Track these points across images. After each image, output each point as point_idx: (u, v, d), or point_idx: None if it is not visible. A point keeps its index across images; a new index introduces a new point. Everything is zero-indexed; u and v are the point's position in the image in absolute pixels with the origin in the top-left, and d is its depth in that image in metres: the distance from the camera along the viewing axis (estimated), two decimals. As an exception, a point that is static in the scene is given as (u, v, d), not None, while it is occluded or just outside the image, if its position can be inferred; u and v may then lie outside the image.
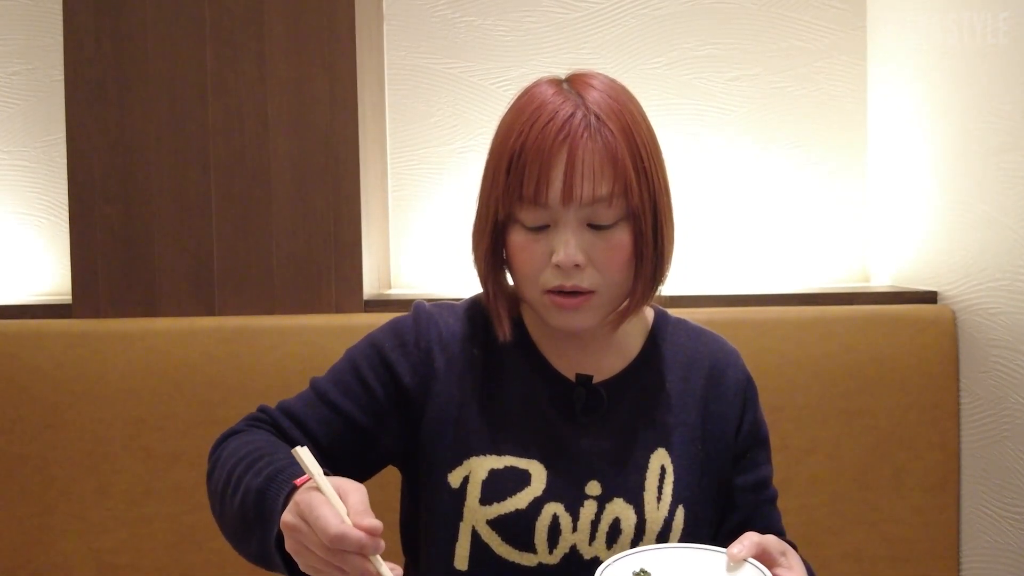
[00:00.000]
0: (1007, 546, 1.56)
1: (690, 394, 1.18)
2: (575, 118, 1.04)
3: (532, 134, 1.04)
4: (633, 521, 1.11)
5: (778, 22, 1.95)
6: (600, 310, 1.09)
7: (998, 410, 1.57)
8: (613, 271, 1.07)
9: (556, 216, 1.05)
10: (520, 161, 1.04)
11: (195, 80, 1.70)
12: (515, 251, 1.09)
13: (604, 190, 1.03)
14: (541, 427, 1.13)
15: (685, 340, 1.22)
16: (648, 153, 1.08)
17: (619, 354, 1.18)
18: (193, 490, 1.66)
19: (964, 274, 1.65)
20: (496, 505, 1.10)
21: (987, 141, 1.56)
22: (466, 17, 1.97)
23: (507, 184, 1.06)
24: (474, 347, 1.16)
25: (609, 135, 1.04)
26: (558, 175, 1.03)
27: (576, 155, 1.02)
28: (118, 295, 1.72)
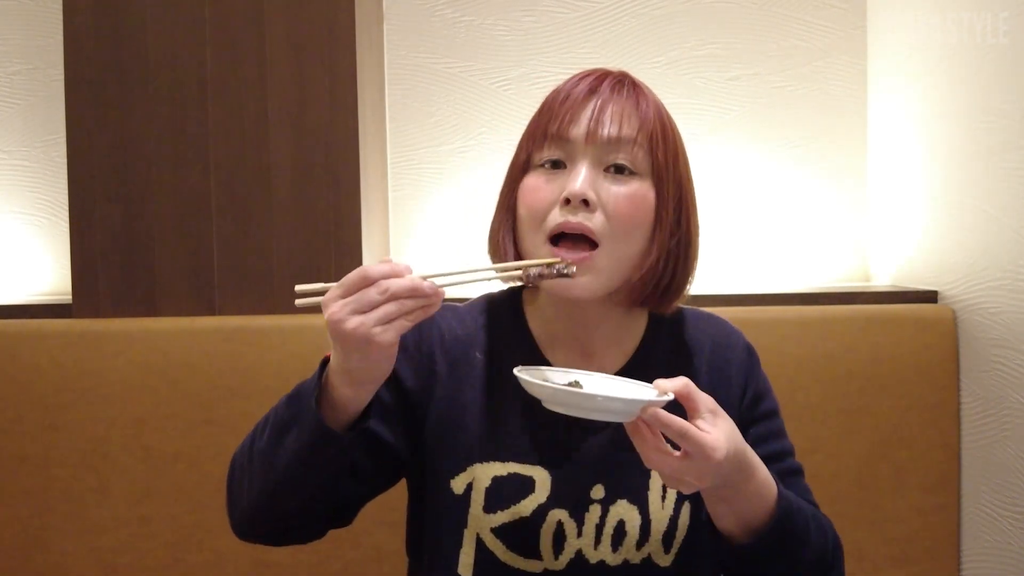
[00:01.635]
0: (1007, 545, 1.56)
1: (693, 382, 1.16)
2: (608, 79, 1.10)
3: (567, 86, 1.10)
4: (638, 522, 1.10)
5: (778, 21, 1.95)
6: (602, 267, 1.05)
7: (999, 409, 1.57)
8: (623, 220, 1.05)
9: (575, 153, 1.06)
10: (551, 106, 1.09)
11: (195, 80, 1.70)
12: (527, 192, 1.08)
13: (628, 132, 1.06)
14: (544, 431, 1.12)
15: (684, 328, 1.20)
16: (679, 145, 1.11)
17: (619, 349, 1.16)
18: (193, 490, 1.66)
19: (965, 273, 1.65)
20: (500, 513, 1.10)
21: (987, 140, 1.56)
22: (466, 17, 1.97)
23: (535, 127, 1.09)
24: (476, 350, 1.15)
25: (640, 97, 1.09)
26: (584, 116, 1.06)
27: (606, 102, 1.07)
28: (118, 295, 1.72)
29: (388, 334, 0.92)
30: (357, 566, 1.64)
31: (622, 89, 1.09)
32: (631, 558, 1.11)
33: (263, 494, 1.05)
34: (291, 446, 1.00)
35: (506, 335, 1.17)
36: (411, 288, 0.92)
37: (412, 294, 0.92)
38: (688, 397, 0.97)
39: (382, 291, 0.91)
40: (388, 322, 0.92)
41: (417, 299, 0.92)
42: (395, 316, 0.92)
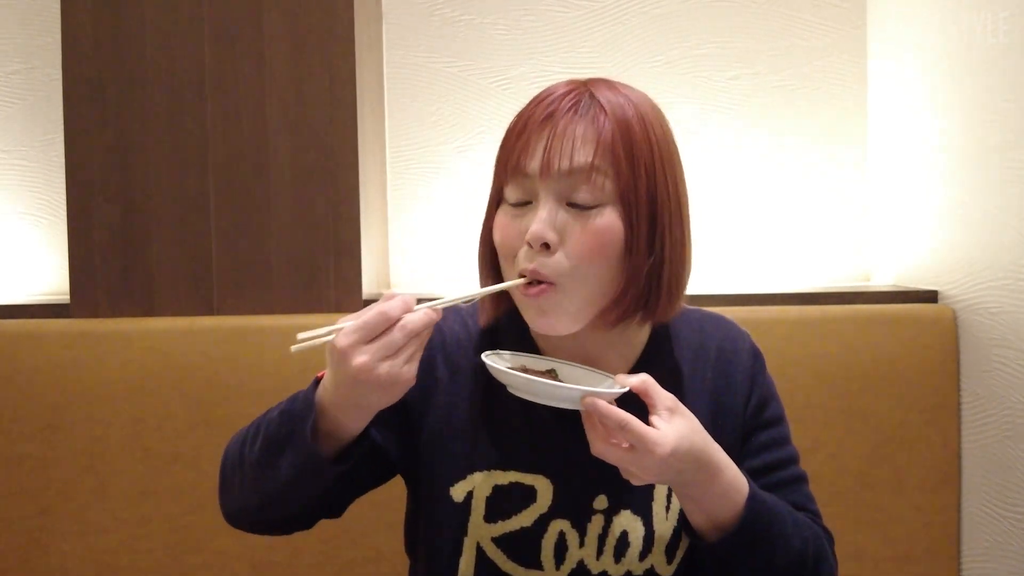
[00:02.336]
0: (1008, 546, 1.56)
1: (698, 391, 1.14)
2: (567, 97, 1.03)
3: (527, 111, 1.05)
4: (641, 533, 1.09)
5: (778, 20, 1.95)
6: (566, 307, 1.02)
7: (999, 409, 1.57)
8: (587, 256, 1.00)
9: (536, 190, 1.02)
10: (511, 135, 1.05)
11: (194, 79, 1.69)
12: (498, 230, 1.06)
13: (581, 161, 1.00)
14: (546, 440, 1.10)
15: (689, 332, 1.18)
16: (651, 152, 1.03)
17: (623, 355, 1.13)
18: (192, 490, 1.65)
19: (965, 273, 1.64)
20: (501, 523, 1.09)
21: (988, 139, 1.55)
22: (465, 16, 1.96)
23: (499, 159, 1.07)
24: (478, 356, 1.11)
25: (600, 115, 1.02)
26: (540, 147, 1.01)
27: (557, 128, 1.01)
28: (116, 294, 1.71)
29: (413, 370, 0.93)
30: (357, 566, 1.64)
31: (579, 108, 1.02)
32: (633, 569, 1.09)
33: (254, 503, 1.07)
34: (285, 469, 1.00)
35: (508, 341, 1.14)
36: (427, 322, 0.92)
37: (428, 327, 0.93)
38: (646, 393, 0.98)
39: (405, 332, 0.91)
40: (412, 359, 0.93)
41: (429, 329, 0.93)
42: (416, 351, 0.93)
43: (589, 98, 1.03)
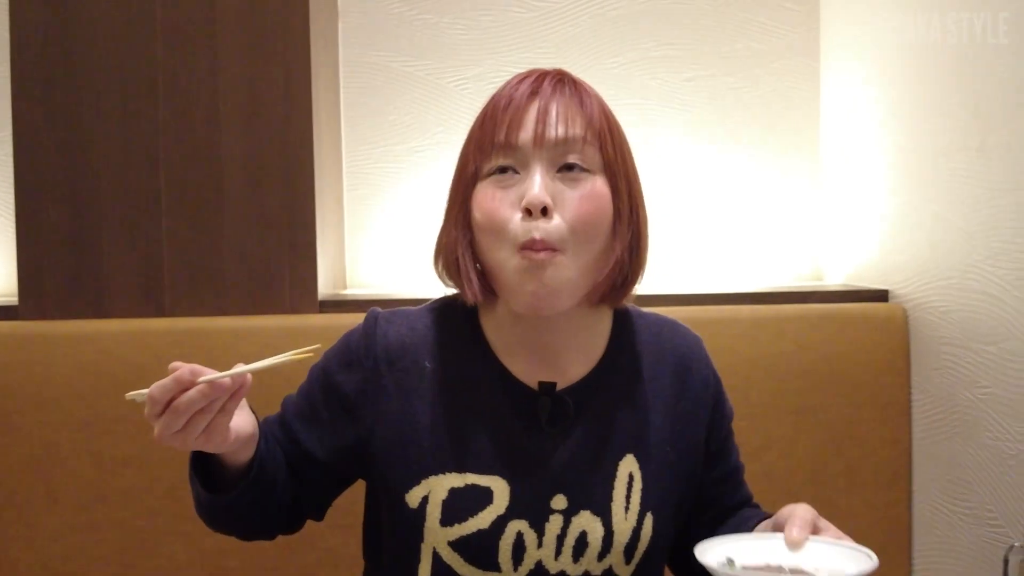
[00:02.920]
0: (957, 540, 1.59)
1: (658, 394, 1.15)
2: (547, 79, 1.08)
3: (507, 91, 1.08)
4: (600, 533, 1.08)
5: (733, 23, 1.97)
6: (568, 275, 1.03)
7: (949, 406, 1.59)
8: (584, 220, 1.02)
9: (526, 159, 1.04)
10: (493, 112, 1.07)
11: (146, 77, 1.67)
12: (481, 203, 1.05)
13: (576, 132, 1.04)
14: (504, 440, 1.09)
15: (648, 335, 1.18)
16: (623, 140, 1.11)
17: (582, 358, 1.13)
18: (144, 495, 1.63)
19: (915, 273, 1.67)
20: (458, 526, 1.07)
21: (937, 142, 1.58)
22: (423, 15, 1.96)
23: (480, 136, 1.07)
24: (427, 359, 1.12)
25: (583, 94, 1.08)
26: (529, 120, 1.04)
27: (548, 103, 1.05)
28: (66, 296, 1.69)
29: (214, 437, 0.96)
30: (312, 569, 1.63)
31: (563, 88, 1.07)
32: (592, 569, 1.09)
33: (212, 524, 1.14)
34: (204, 502, 1.09)
35: (460, 343, 1.14)
36: (204, 395, 0.92)
37: (210, 397, 0.93)
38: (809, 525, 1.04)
39: (182, 412, 0.92)
40: (207, 426, 0.94)
41: (223, 395, 0.94)
42: (207, 420, 0.94)
43: (570, 81, 1.09)
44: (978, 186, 1.48)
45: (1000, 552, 1.18)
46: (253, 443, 1.05)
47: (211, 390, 0.92)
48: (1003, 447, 1.46)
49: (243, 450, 1.04)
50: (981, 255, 1.48)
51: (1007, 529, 1.46)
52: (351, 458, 1.14)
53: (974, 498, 1.53)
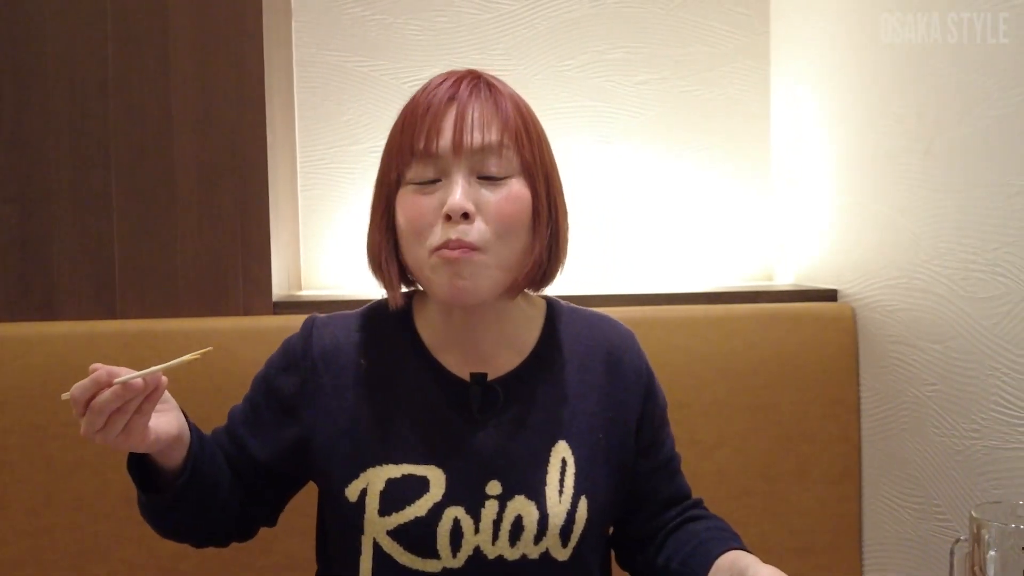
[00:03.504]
0: (906, 534, 1.62)
1: (589, 383, 1.18)
2: (464, 82, 1.10)
3: (424, 97, 1.09)
4: (535, 517, 1.11)
5: (685, 27, 1.99)
6: (489, 273, 1.07)
7: (896, 403, 1.62)
8: (503, 224, 1.06)
9: (447, 167, 1.07)
10: (412, 119, 1.08)
11: (95, 75, 1.65)
12: (405, 210, 1.08)
13: (493, 138, 1.07)
14: (438, 431, 1.13)
15: (580, 328, 1.22)
16: (539, 135, 1.13)
17: (514, 350, 1.17)
18: (96, 499, 1.61)
19: (863, 273, 1.70)
20: (395, 515, 1.10)
21: (885, 144, 1.61)
22: (377, 15, 1.95)
23: (400, 144, 1.09)
24: (361, 357, 1.16)
25: (499, 97, 1.10)
26: (448, 126, 1.06)
27: (465, 109, 1.07)
28: (14, 298, 1.66)
29: (133, 436, 0.99)
30: (268, 573, 1.62)
31: (479, 91, 1.10)
32: (529, 553, 1.12)
33: (157, 529, 1.16)
34: (143, 503, 1.13)
35: (394, 340, 1.18)
36: (118, 396, 0.96)
37: (124, 398, 0.96)
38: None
39: (98, 411, 0.96)
40: (126, 426, 0.98)
41: (137, 395, 0.97)
42: (124, 419, 0.97)
43: (485, 84, 1.11)
44: (925, 188, 1.51)
45: (947, 545, 1.21)
46: (183, 445, 1.08)
47: (125, 391, 0.96)
48: (949, 443, 1.49)
49: (173, 452, 1.07)
50: (927, 255, 1.52)
51: (953, 523, 1.49)
52: (294, 458, 1.17)
53: (922, 493, 1.57)
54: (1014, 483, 1.37)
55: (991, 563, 1.05)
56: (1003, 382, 1.37)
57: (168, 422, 1.05)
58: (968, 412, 1.44)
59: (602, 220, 2.00)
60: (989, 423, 1.40)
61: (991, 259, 1.38)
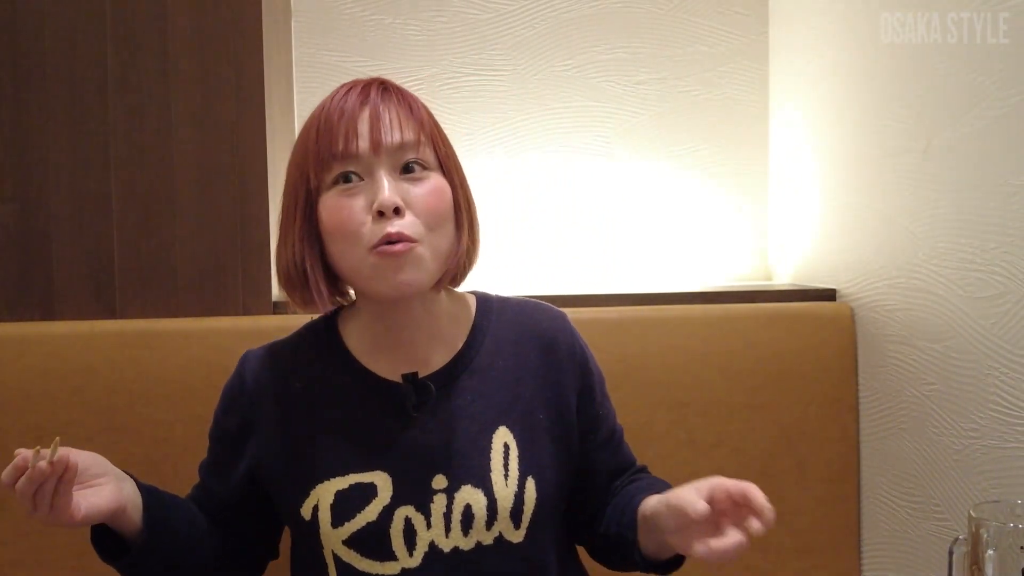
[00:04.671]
0: (905, 534, 1.62)
1: (524, 368, 1.20)
2: (372, 88, 1.12)
3: (335, 103, 1.11)
4: (484, 503, 1.13)
5: (683, 27, 1.99)
6: (426, 264, 1.09)
7: (895, 403, 1.63)
8: (434, 216, 1.09)
9: (369, 167, 1.08)
10: (327, 124, 1.09)
11: (95, 75, 1.65)
12: (331, 214, 1.09)
13: (411, 136, 1.10)
14: (378, 437, 1.15)
15: (510, 316, 1.24)
16: (449, 143, 1.17)
17: (445, 347, 1.20)
18: (95, 498, 1.61)
19: (862, 272, 1.70)
20: (348, 524, 1.12)
21: (884, 143, 1.61)
22: (376, 15, 1.96)
23: (317, 150, 1.09)
24: (296, 381, 1.19)
25: (410, 100, 1.14)
26: (364, 127, 1.08)
27: (378, 110, 1.10)
28: (13, 298, 1.66)
29: (61, 515, 1.01)
30: None
31: (389, 95, 1.12)
32: (483, 539, 1.14)
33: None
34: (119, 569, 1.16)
35: (324, 356, 1.20)
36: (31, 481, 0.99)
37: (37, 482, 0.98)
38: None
39: (21, 495, 1.00)
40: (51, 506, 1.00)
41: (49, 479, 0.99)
42: (47, 501, 1.00)
43: (395, 89, 1.15)
44: (923, 187, 1.51)
45: (945, 545, 1.21)
46: (134, 511, 1.11)
47: (36, 475, 0.98)
48: (948, 442, 1.49)
49: (123, 519, 1.10)
50: (926, 255, 1.52)
51: (952, 522, 1.50)
52: (253, 490, 1.21)
53: (920, 492, 1.57)
54: (1013, 482, 1.37)
55: (990, 562, 1.05)
56: (1002, 381, 1.37)
57: (103, 497, 1.06)
58: (967, 411, 1.45)
59: (601, 220, 2.00)
60: (988, 422, 1.40)
61: (990, 258, 1.38)
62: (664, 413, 1.68)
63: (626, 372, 1.67)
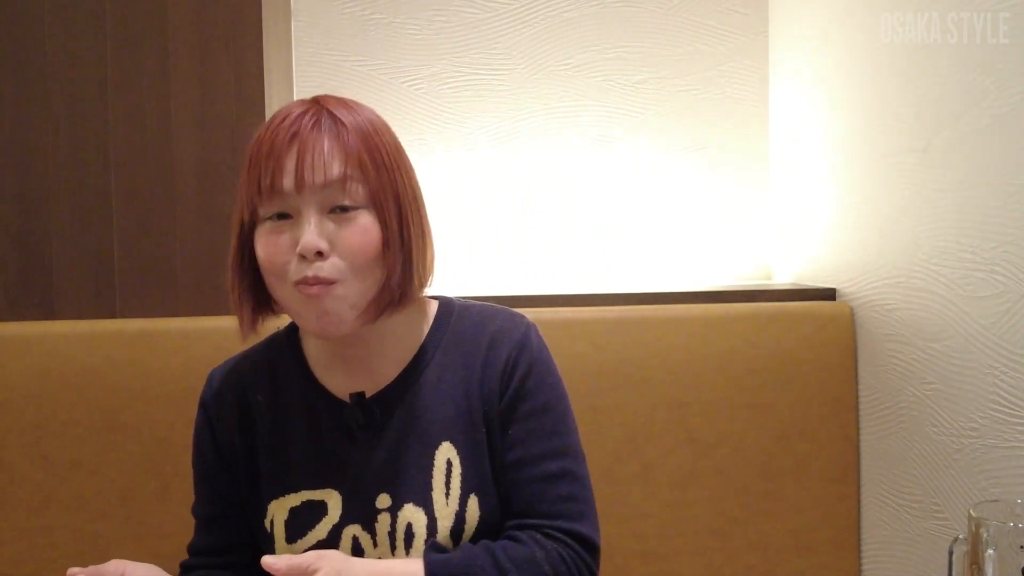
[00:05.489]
0: (904, 533, 1.62)
1: (469, 380, 1.17)
2: (306, 116, 1.09)
3: (268, 134, 1.09)
4: (424, 522, 1.13)
5: (684, 26, 1.99)
6: (347, 302, 1.08)
7: (895, 402, 1.63)
8: (358, 256, 1.08)
9: (296, 205, 1.08)
10: (257, 158, 1.09)
11: (95, 75, 1.65)
12: (261, 247, 1.10)
13: (335, 173, 1.07)
14: (327, 454, 1.16)
15: (467, 325, 1.21)
16: (389, 156, 1.12)
17: (394, 362, 1.18)
18: (95, 498, 1.61)
19: (861, 272, 1.70)
20: (300, 541, 1.14)
21: (883, 143, 1.61)
22: (376, 15, 1.96)
23: (247, 182, 1.10)
24: (258, 393, 1.21)
25: (341, 128, 1.09)
26: (291, 165, 1.07)
27: (306, 145, 1.07)
28: (14, 297, 1.66)
29: None
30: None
31: (320, 125, 1.09)
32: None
33: None
34: None
35: (283, 368, 1.22)
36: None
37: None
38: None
39: None
40: None
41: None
42: None
43: (328, 116, 1.10)
44: (923, 187, 1.51)
45: (945, 544, 1.21)
46: None
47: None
48: (948, 441, 1.49)
49: None
50: (926, 254, 1.52)
51: (952, 521, 1.49)
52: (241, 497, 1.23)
53: (920, 491, 1.57)
54: (1012, 481, 1.37)
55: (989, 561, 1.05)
56: (1002, 381, 1.37)
57: None
58: (966, 411, 1.44)
59: (601, 219, 2.00)
60: (988, 422, 1.40)
61: (990, 258, 1.38)
62: (664, 413, 1.68)
63: (626, 372, 1.67)
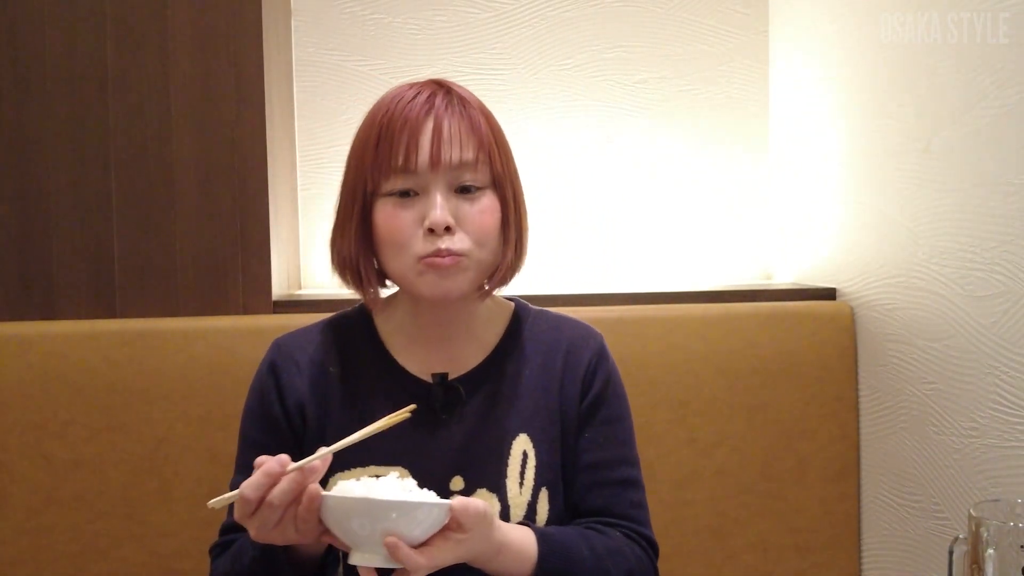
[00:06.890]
0: (905, 532, 1.62)
1: (549, 379, 1.21)
2: (437, 96, 1.13)
3: (399, 108, 1.12)
4: (498, 509, 1.14)
5: (684, 26, 1.99)
6: (471, 274, 1.12)
7: (895, 402, 1.63)
8: (482, 234, 1.12)
9: (425, 182, 1.10)
10: (388, 133, 1.11)
11: (95, 75, 1.65)
12: (385, 222, 1.12)
13: (469, 155, 1.11)
14: (402, 432, 1.15)
15: (544, 327, 1.25)
16: (506, 148, 1.18)
17: (477, 348, 1.21)
18: (96, 498, 1.61)
19: (861, 272, 1.70)
20: None
21: (884, 143, 1.61)
22: (376, 14, 1.96)
23: (376, 157, 1.11)
24: (331, 366, 1.20)
25: (471, 111, 1.14)
26: (426, 142, 1.10)
27: (441, 124, 1.11)
28: (14, 297, 1.66)
29: (307, 526, 0.96)
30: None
31: (453, 106, 1.13)
32: None
33: None
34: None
35: (358, 347, 1.22)
36: (297, 484, 0.94)
37: (303, 486, 0.94)
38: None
39: (274, 508, 0.94)
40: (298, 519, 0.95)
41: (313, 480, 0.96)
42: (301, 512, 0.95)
43: (457, 97, 1.15)
44: (924, 186, 1.51)
45: (945, 544, 1.21)
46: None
47: (303, 476, 0.94)
48: (948, 441, 1.49)
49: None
50: (926, 254, 1.52)
51: (952, 521, 1.50)
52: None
53: (920, 491, 1.57)
54: (1013, 481, 1.37)
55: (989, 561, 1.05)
56: (1002, 380, 1.37)
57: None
58: (967, 410, 1.45)
59: (602, 219, 2.00)
60: (988, 421, 1.40)
61: (990, 257, 1.38)
62: (664, 413, 1.68)
63: (626, 372, 1.65)
